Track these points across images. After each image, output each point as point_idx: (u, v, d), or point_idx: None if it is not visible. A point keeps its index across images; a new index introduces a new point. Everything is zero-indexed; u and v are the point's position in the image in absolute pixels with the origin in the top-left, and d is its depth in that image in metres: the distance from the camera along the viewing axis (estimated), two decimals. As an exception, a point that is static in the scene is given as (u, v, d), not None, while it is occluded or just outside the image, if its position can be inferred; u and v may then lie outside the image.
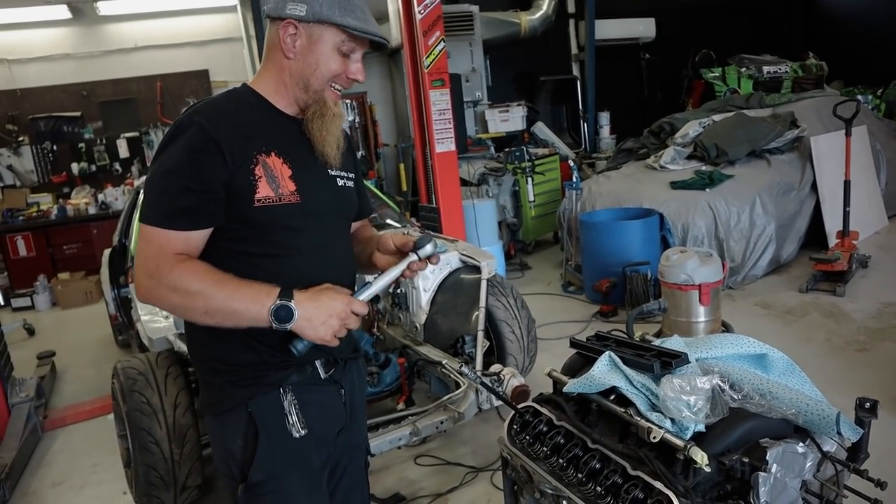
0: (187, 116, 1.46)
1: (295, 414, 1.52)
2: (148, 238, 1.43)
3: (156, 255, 1.41)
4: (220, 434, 1.56)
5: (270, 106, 1.56)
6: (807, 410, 1.32)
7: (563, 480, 1.46)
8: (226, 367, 1.53)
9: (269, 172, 1.47)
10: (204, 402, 1.61)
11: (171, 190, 1.42)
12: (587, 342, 1.65)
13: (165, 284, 1.39)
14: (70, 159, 8.90)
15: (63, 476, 3.75)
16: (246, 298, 1.38)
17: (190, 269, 1.40)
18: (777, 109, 6.83)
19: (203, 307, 1.39)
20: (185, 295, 1.39)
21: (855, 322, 4.50)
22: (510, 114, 8.32)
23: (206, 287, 1.38)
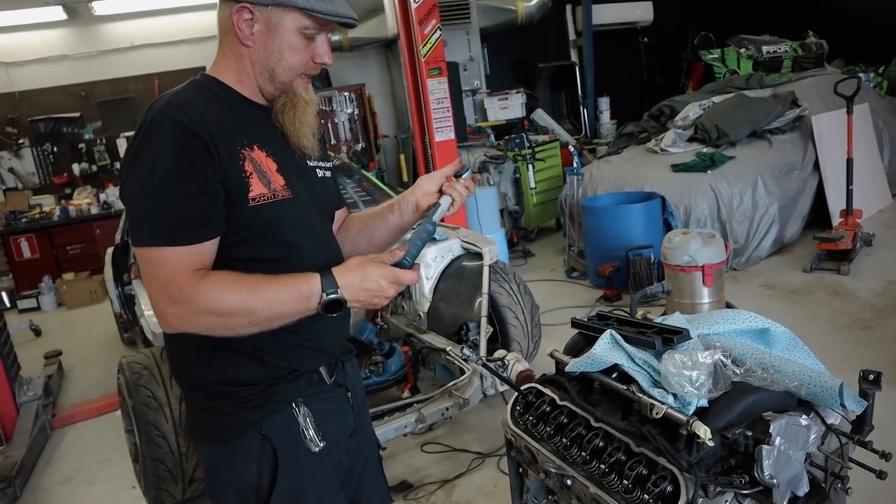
0: (158, 112, 1.31)
1: (311, 428, 1.43)
2: (158, 261, 1.27)
3: (174, 279, 1.26)
4: (230, 462, 1.44)
5: (238, 95, 1.43)
6: (810, 382, 1.32)
7: (567, 460, 1.46)
8: (232, 388, 1.41)
9: (258, 167, 1.37)
10: (205, 430, 1.47)
11: (173, 199, 1.27)
12: (588, 322, 1.64)
13: (196, 309, 1.26)
14: (71, 160, 8.91)
15: (72, 472, 3.77)
16: (290, 299, 1.30)
17: (216, 285, 1.27)
18: (777, 89, 6.78)
19: (246, 321, 1.29)
20: (222, 315, 1.27)
21: (860, 300, 4.49)
22: (509, 101, 8.29)
23: (241, 299, 1.27)
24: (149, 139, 1.29)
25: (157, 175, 1.27)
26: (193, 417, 1.52)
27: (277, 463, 1.41)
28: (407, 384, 3.48)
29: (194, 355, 1.42)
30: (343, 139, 8.79)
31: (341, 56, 9.18)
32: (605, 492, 1.35)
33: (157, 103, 1.35)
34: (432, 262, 3.60)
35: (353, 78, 9.28)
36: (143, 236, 1.29)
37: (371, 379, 3.47)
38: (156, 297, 1.29)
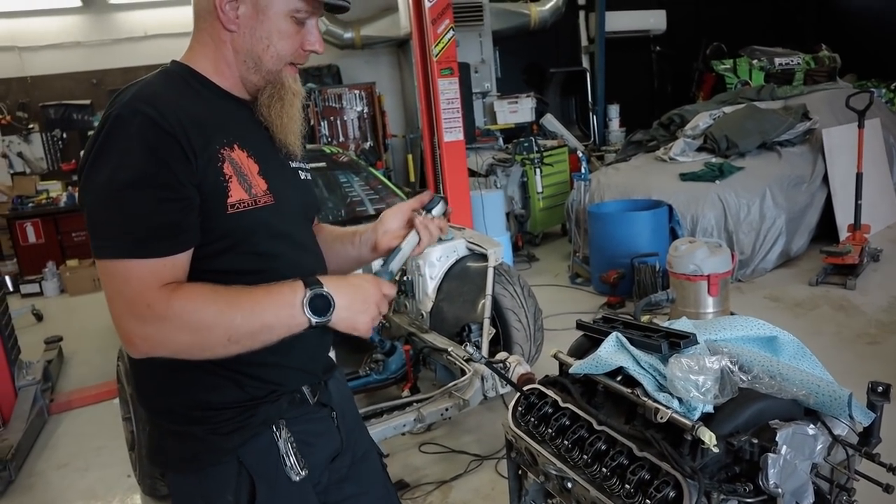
0: (125, 106, 1.14)
1: (292, 455, 1.29)
2: (123, 276, 1.11)
3: (141, 295, 1.11)
4: (202, 492, 1.29)
5: (216, 87, 1.29)
6: (818, 391, 1.30)
7: (568, 462, 1.44)
8: (207, 412, 1.26)
9: (238, 170, 1.23)
10: (174, 458, 1.32)
11: (142, 205, 1.12)
12: (594, 324, 1.62)
13: (168, 327, 1.11)
14: (80, 147, 8.93)
15: (68, 458, 3.76)
16: (272, 306, 1.16)
17: (190, 297, 1.13)
18: (789, 101, 6.76)
19: (225, 336, 1.13)
20: (198, 330, 1.12)
21: (865, 315, 4.46)
22: (519, 105, 8.29)
23: (220, 310, 1.13)
24: (113, 137, 1.13)
25: (122, 177, 1.11)
26: (159, 444, 1.35)
27: (254, 493, 1.27)
28: (407, 383, 3.46)
29: (164, 377, 1.27)
30: (351, 137, 8.79)
31: (353, 54, 9.19)
32: (607, 496, 1.33)
33: (122, 95, 1.18)
34: (437, 261, 3.58)
35: (364, 76, 9.30)
36: (104, 247, 1.13)
37: (371, 377, 3.45)
38: (120, 316, 1.12)
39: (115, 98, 1.20)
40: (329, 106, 8.51)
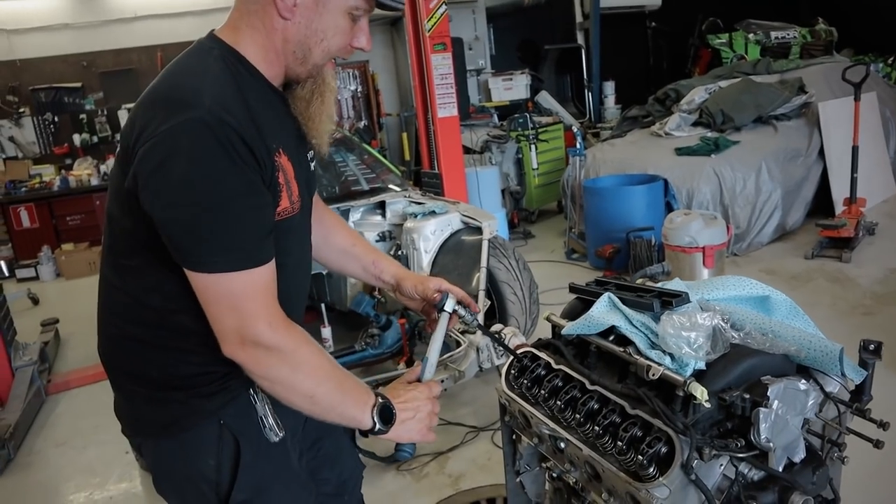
0: (210, 114, 1.08)
1: (270, 416, 1.30)
2: (236, 294, 1.12)
3: (259, 308, 1.13)
4: (183, 456, 1.30)
5: (263, 79, 1.25)
6: (809, 346, 1.29)
7: (560, 423, 1.44)
8: (186, 380, 1.28)
9: (286, 177, 1.23)
10: (152, 424, 1.31)
11: (246, 214, 1.12)
12: (586, 286, 1.62)
13: (278, 349, 1.14)
14: (71, 130, 8.88)
15: (66, 437, 3.78)
16: (352, 394, 1.23)
17: (303, 346, 1.18)
18: (785, 75, 6.73)
19: (310, 393, 1.18)
20: (297, 373, 1.17)
21: (861, 287, 4.47)
22: (514, 82, 8.24)
23: (320, 367, 1.19)
24: (197, 146, 1.08)
25: (215, 189, 1.08)
26: (136, 411, 1.34)
27: (239, 454, 1.29)
28: (402, 357, 3.47)
29: (142, 353, 1.28)
30: (346, 116, 8.74)
31: (346, 32, 9.09)
32: (599, 454, 1.33)
33: (192, 98, 1.10)
34: (431, 235, 3.57)
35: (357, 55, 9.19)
36: (214, 262, 1.10)
37: (367, 352, 3.46)
38: (231, 321, 1.12)
39: (180, 100, 1.11)
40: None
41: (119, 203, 1.22)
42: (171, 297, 1.23)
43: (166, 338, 1.26)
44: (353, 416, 1.23)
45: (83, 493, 3.18)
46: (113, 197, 1.26)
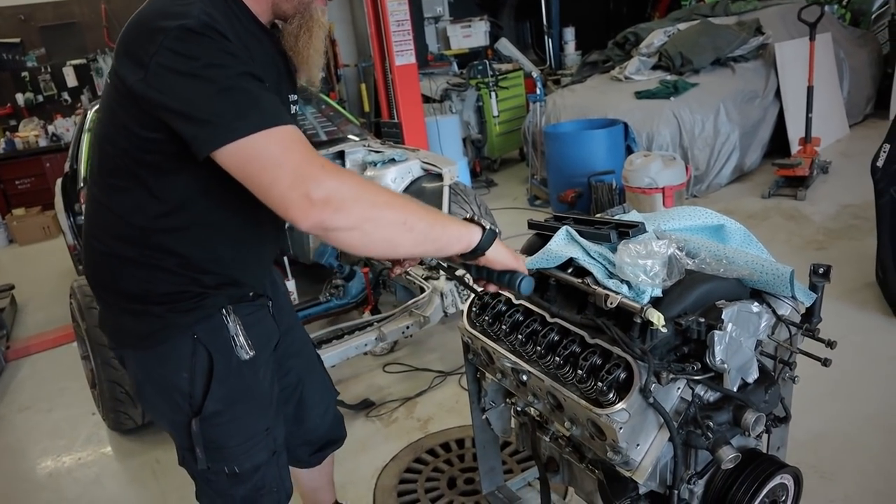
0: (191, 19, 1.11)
1: (242, 335, 1.40)
2: (279, 144, 1.08)
3: (309, 155, 1.10)
4: (159, 368, 1.39)
5: (250, 14, 1.28)
6: (761, 270, 1.32)
7: (522, 356, 1.46)
8: (164, 297, 1.34)
9: None
10: (131, 334, 1.39)
11: (258, 89, 1.12)
12: (545, 222, 1.62)
13: (347, 186, 1.09)
14: (13, 90, 8.48)
15: (30, 401, 3.72)
16: (439, 213, 1.21)
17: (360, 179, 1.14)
18: (742, 17, 6.73)
19: (402, 219, 1.13)
20: (374, 203, 1.11)
21: (814, 224, 4.58)
22: (472, 29, 8.11)
23: (394, 194, 1.18)
24: (196, 44, 1.10)
25: (229, 69, 1.10)
26: (117, 322, 1.41)
27: (212, 368, 1.37)
28: (367, 306, 3.47)
29: (130, 268, 1.33)
30: (302, 68, 8.51)
31: (298, -20, 8.78)
32: (561, 384, 1.35)
33: (184, 12, 1.13)
34: (392, 183, 3.53)
35: (312, 4, 8.93)
36: (241, 127, 1.07)
37: (332, 302, 3.45)
38: (290, 187, 1.07)
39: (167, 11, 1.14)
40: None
41: (113, 122, 1.25)
42: (155, 218, 1.28)
43: (148, 256, 1.31)
44: (457, 232, 1.20)
45: (51, 455, 3.15)
46: (107, 119, 1.28)
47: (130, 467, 2.97)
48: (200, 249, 1.34)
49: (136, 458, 3.01)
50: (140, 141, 1.21)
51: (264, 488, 1.51)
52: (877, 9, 8.17)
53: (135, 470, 2.93)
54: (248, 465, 1.46)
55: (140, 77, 1.13)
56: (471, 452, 2.62)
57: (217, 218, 1.33)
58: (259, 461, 1.48)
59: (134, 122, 1.20)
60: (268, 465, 1.50)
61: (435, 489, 2.47)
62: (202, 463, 1.43)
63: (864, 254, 3.71)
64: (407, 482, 2.53)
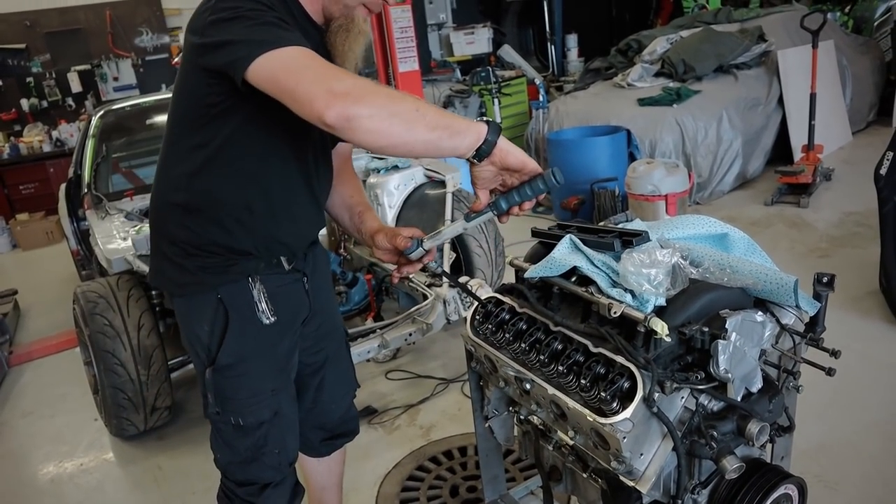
0: None
1: (264, 301, 1.54)
2: (303, 55, 1.22)
3: (328, 64, 1.24)
4: (187, 316, 1.58)
5: (302, 10, 1.45)
6: (765, 279, 1.32)
7: (525, 364, 1.46)
8: (199, 252, 1.50)
9: None
10: (168, 280, 1.59)
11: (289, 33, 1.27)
12: (548, 230, 1.63)
13: (363, 84, 1.19)
14: (18, 95, 8.49)
15: (33, 407, 3.72)
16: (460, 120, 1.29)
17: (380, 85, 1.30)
18: (745, 24, 6.74)
19: (414, 106, 1.22)
20: (389, 95, 1.23)
21: (817, 231, 4.58)
22: (475, 36, 8.12)
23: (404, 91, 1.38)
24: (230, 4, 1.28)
25: (262, 15, 1.27)
26: (159, 265, 1.59)
27: (227, 325, 1.53)
28: (370, 313, 3.47)
29: (178, 213, 1.50)
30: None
31: (302, -13, 8.82)
32: (564, 393, 1.35)
33: None
34: (395, 189, 3.54)
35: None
36: (273, 45, 1.22)
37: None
38: (313, 82, 1.19)
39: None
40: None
41: (179, 85, 1.45)
42: (200, 164, 1.45)
43: (191, 202, 1.47)
44: (466, 123, 1.28)
45: (53, 462, 3.15)
46: (177, 85, 1.47)
47: (132, 473, 2.96)
48: (235, 196, 1.46)
49: (138, 464, 3.01)
50: (196, 92, 1.39)
51: (266, 446, 1.63)
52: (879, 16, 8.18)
53: (137, 476, 2.93)
54: (252, 420, 1.59)
55: (197, 39, 1.33)
56: (473, 460, 2.61)
57: (251, 167, 1.45)
58: (262, 418, 1.60)
59: (193, 78, 1.38)
60: (270, 423, 1.62)
61: (437, 497, 2.46)
62: (212, 408, 1.60)
63: (868, 262, 3.70)
64: (409, 490, 2.52)
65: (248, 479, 1.66)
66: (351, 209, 1.77)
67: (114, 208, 3.55)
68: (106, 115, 4.36)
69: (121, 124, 4.44)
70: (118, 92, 8.65)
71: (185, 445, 3.09)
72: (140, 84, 8.80)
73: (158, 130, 4.61)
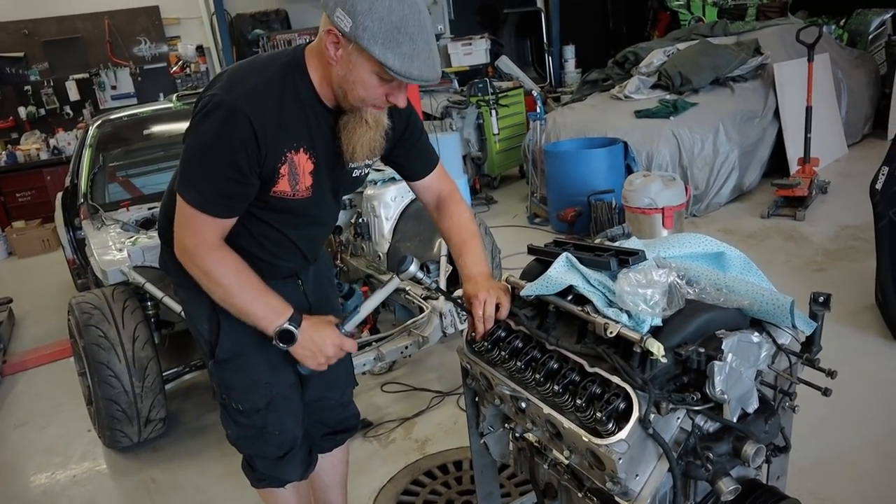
0: (232, 97, 1.43)
1: None
2: (191, 217, 1.51)
3: (193, 235, 1.52)
4: (189, 312, 1.79)
5: (315, 97, 1.53)
6: (762, 300, 1.32)
7: (521, 383, 1.46)
8: None
9: (293, 171, 1.55)
10: (174, 274, 1.73)
11: (212, 174, 1.47)
12: (545, 247, 1.62)
13: (197, 265, 1.54)
14: (16, 103, 8.48)
15: (26, 417, 3.70)
16: (261, 309, 1.54)
17: (222, 261, 1.54)
18: (741, 37, 6.79)
19: (222, 297, 1.55)
20: (211, 281, 1.54)
21: (813, 244, 4.58)
22: (473, 47, 8.16)
23: (231, 284, 1.54)
24: (211, 115, 1.44)
25: (204, 146, 1.47)
26: (166, 258, 1.75)
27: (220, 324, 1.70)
28: (367, 325, 3.46)
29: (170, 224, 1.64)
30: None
31: (301, -3, 8.87)
32: (559, 412, 1.35)
33: (239, 81, 1.47)
34: (392, 202, 3.54)
35: (314, 20, 8.90)
36: (183, 190, 1.50)
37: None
38: (177, 236, 1.55)
39: (230, 79, 1.48)
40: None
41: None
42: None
43: None
44: (261, 327, 1.55)
45: (45, 473, 3.13)
46: None
47: (125, 486, 2.94)
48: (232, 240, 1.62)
49: (131, 476, 2.99)
50: None
51: (266, 428, 1.81)
52: (874, 29, 8.22)
53: (130, 489, 2.91)
54: (249, 407, 1.78)
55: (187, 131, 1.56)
56: (468, 475, 2.60)
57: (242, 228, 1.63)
58: (258, 406, 1.78)
59: None
60: (267, 410, 1.79)
61: (432, 512, 2.44)
62: (218, 395, 1.81)
63: (864, 276, 3.71)
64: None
65: (257, 453, 1.87)
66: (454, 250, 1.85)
67: (110, 219, 3.54)
68: (103, 125, 4.36)
69: (118, 134, 4.43)
70: (116, 100, 8.64)
71: (180, 458, 3.07)
72: (138, 93, 8.80)
73: (155, 141, 4.61)
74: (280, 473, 1.90)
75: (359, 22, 1.33)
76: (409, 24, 1.34)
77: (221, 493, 2.77)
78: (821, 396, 1.38)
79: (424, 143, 1.82)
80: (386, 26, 1.33)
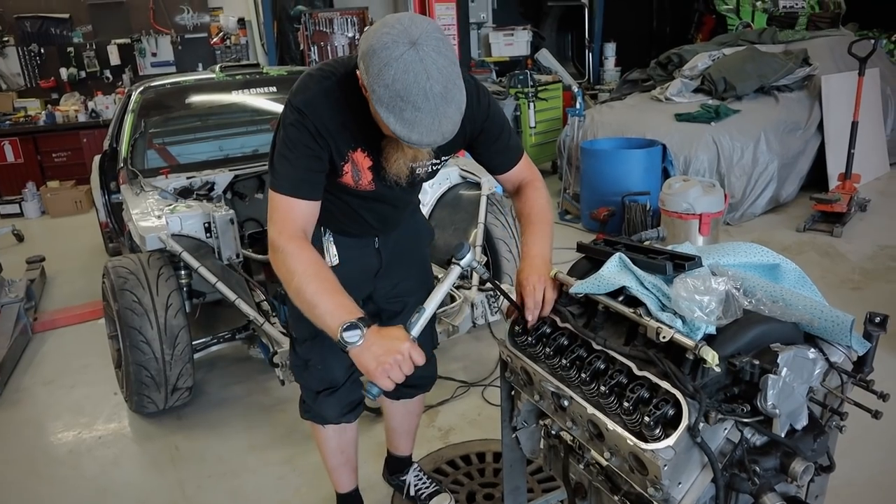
0: (300, 103, 1.60)
1: (332, 247, 1.90)
2: (275, 208, 1.64)
3: (280, 224, 1.62)
4: None
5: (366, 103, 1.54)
6: (821, 316, 1.29)
7: (565, 381, 1.44)
8: None
9: (355, 167, 1.70)
10: None
11: (290, 158, 1.62)
12: (596, 245, 1.60)
13: (278, 254, 1.60)
14: (58, 64, 8.58)
15: (54, 375, 3.76)
16: (330, 304, 1.51)
17: (294, 257, 1.58)
18: (790, 46, 6.66)
19: (295, 289, 1.56)
20: (286, 271, 1.58)
21: (850, 262, 4.50)
22: (515, 38, 8.10)
23: (304, 277, 1.55)
24: (288, 121, 1.63)
25: (288, 144, 1.63)
26: None
27: None
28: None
29: None
30: (341, 64, 8.54)
31: (345, -24, 8.84)
32: (604, 413, 1.33)
33: (305, 90, 1.62)
34: (429, 188, 3.52)
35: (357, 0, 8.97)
36: (275, 182, 1.65)
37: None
38: (269, 226, 1.66)
39: (300, 85, 1.65)
40: (319, 30, 8.22)
41: None
42: None
43: None
44: (325, 324, 1.51)
45: (72, 432, 3.18)
46: None
47: (149, 451, 2.98)
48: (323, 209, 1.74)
49: (155, 441, 3.03)
50: None
51: (310, 360, 1.98)
52: (926, 46, 8.02)
53: (154, 454, 2.95)
54: (299, 335, 1.97)
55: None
56: (491, 467, 2.60)
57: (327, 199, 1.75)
58: (305, 336, 1.95)
59: None
60: (312, 342, 1.94)
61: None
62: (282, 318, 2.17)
63: (902, 298, 3.64)
64: (424, 491, 2.50)
65: (304, 383, 2.06)
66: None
67: (149, 185, 3.57)
68: (146, 92, 4.39)
69: (160, 102, 4.45)
70: (155, 67, 8.72)
71: (203, 427, 3.10)
72: (177, 61, 8.86)
73: (196, 110, 4.63)
74: (319, 409, 2.05)
75: (370, 83, 1.40)
76: (413, 93, 1.36)
77: (243, 467, 2.79)
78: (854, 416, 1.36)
79: (505, 142, 1.87)
80: (390, 93, 1.37)
